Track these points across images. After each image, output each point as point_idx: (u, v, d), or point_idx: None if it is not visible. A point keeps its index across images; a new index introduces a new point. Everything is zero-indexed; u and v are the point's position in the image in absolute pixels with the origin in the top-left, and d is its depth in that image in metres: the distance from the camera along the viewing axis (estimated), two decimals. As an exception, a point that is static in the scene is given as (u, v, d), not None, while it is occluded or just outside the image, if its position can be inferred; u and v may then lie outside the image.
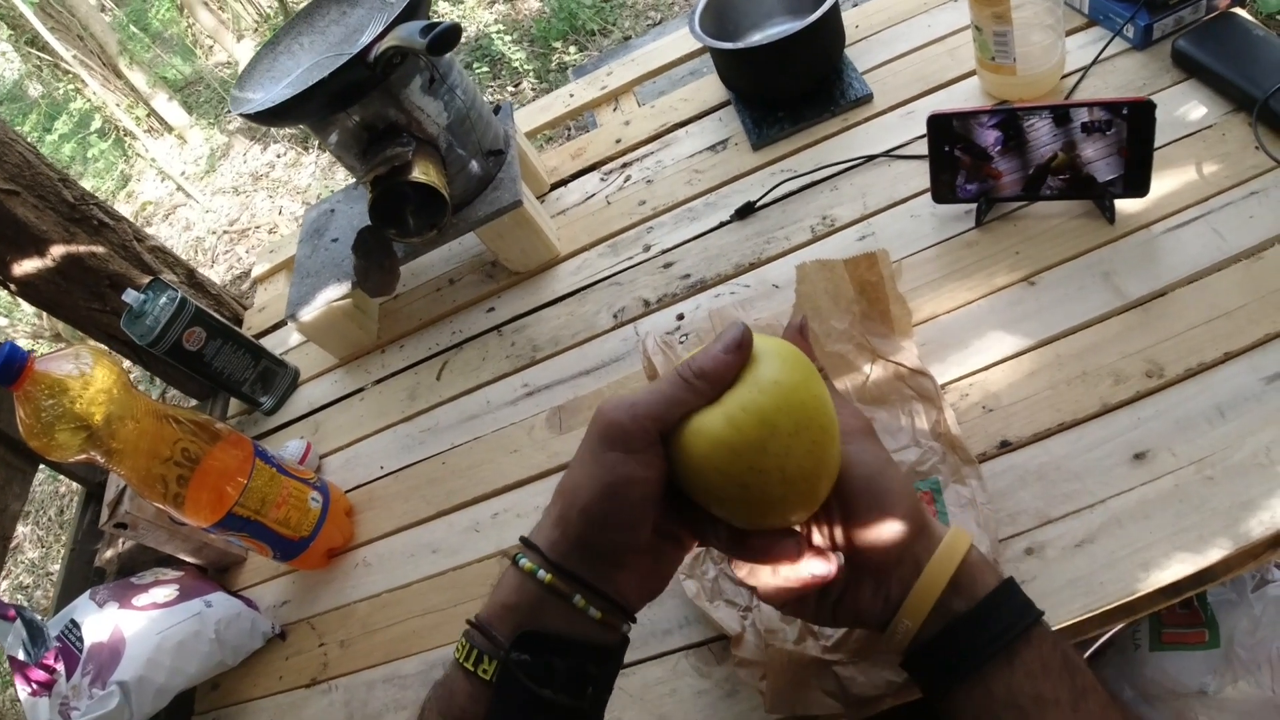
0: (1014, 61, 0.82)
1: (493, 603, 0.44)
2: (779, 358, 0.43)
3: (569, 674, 0.42)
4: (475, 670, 0.42)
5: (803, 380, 0.42)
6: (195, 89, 4.15)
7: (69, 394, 0.69)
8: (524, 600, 0.43)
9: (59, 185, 1.09)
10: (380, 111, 0.84)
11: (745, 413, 0.41)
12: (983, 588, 0.43)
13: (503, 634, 0.42)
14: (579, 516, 0.42)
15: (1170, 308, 0.68)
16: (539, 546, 0.43)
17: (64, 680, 0.75)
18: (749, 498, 0.42)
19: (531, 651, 0.42)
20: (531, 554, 0.43)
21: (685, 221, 0.95)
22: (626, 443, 0.42)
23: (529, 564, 0.43)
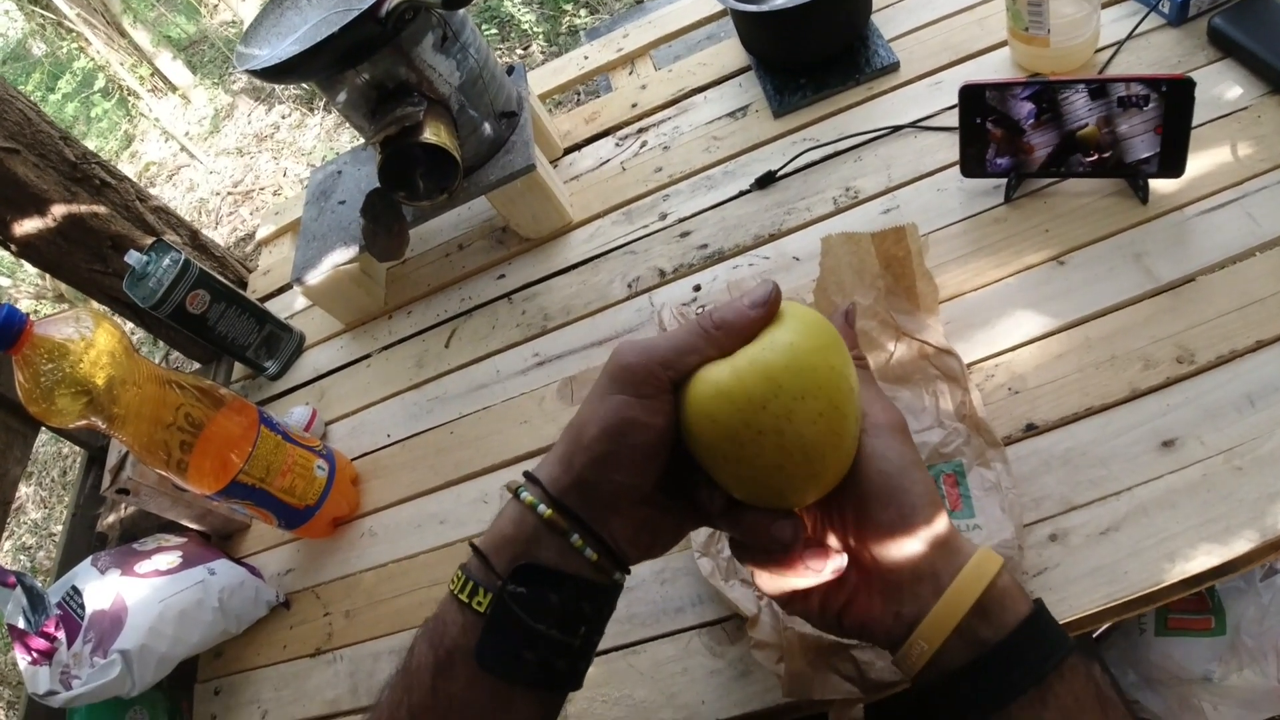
0: (1048, 33, 0.79)
1: (491, 533, 0.43)
2: (802, 322, 0.41)
3: (563, 609, 0.41)
4: (470, 602, 0.41)
5: (820, 347, 0.40)
6: (199, 48, 4.09)
7: (69, 358, 0.67)
8: (522, 533, 0.42)
9: (60, 144, 1.06)
10: (390, 70, 0.81)
11: (751, 365, 0.39)
12: (1013, 615, 0.40)
13: (499, 565, 0.41)
14: (582, 454, 0.41)
15: (1202, 292, 0.66)
16: (541, 481, 0.42)
17: (65, 648, 0.74)
18: (743, 457, 0.40)
19: (527, 584, 0.41)
20: (533, 488, 0.42)
21: (703, 190, 0.93)
22: (636, 385, 0.41)
23: (529, 497, 0.42)
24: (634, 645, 0.67)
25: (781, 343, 0.40)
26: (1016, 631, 0.39)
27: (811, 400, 0.39)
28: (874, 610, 0.43)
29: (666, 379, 0.41)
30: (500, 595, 0.40)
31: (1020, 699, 0.38)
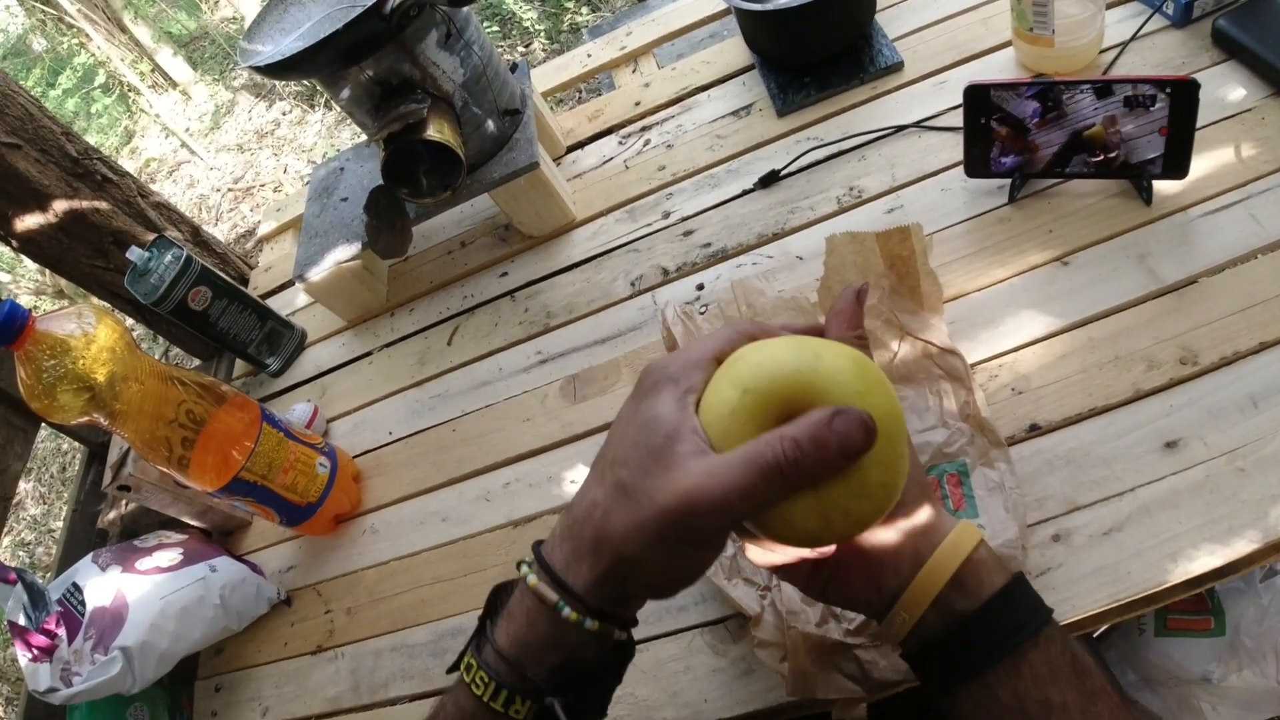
0: (1052, 33, 0.79)
1: (520, 637, 0.41)
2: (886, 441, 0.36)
3: (599, 699, 0.43)
4: (506, 711, 0.41)
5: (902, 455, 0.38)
6: (200, 44, 4.09)
7: (71, 354, 0.67)
8: (565, 643, 0.41)
9: (62, 139, 1.06)
10: (394, 66, 0.81)
11: (845, 518, 0.37)
12: (989, 587, 0.40)
13: (537, 673, 0.41)
14: (634, 583, 0.40)
15: (1206, 294, 0.66)
16: (578, 592, 0.40)
17: (65, 645, 0.74)
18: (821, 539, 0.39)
19: (568, 689, 0.41)
20: (574, 602, 0.40)
21: (706, 188, 0.93)
22: (697, 534, 0.37)
23: (574, 615, 0.40)
24: (637, 644, 0.67)
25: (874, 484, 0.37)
26: (990, 602, 0.40)
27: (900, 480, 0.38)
28: (856, 583, 0.43)
29: (729, 528, 0.38)
30: (545, 705, 0.41)
31: (995, 667, 0.39)
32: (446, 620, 0.76)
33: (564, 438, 0.82)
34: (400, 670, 0.75)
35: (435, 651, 0.75)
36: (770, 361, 0.38)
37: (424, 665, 0.74)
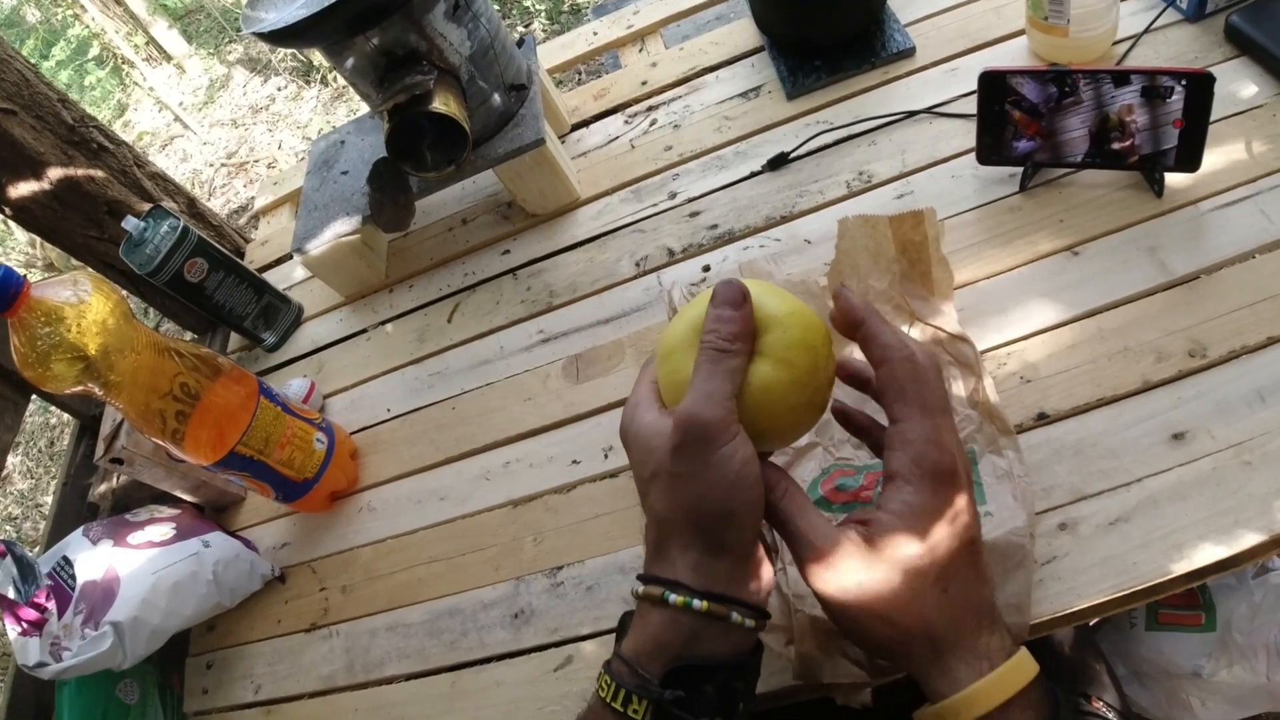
0: (1067, 23, 0.79)
1: (638, 640, 0.43)
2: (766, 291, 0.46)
3: (720, 697, 0.43)
4: (625, 710, 0.42)
5: (794, 300, 0.46)
6: (195, 17, 4.03)
7: (66, 322, 0.66)
8: (677, 635, 0.42)
9: (58, 106, 1.04)
10: (400, 36, 0.80)
11: (790, 350, 0.44)
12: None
13: (651, 671, 0.42)
14: (709, 530, 0.42)
15: (1215, 287, 0.66)
16: (678, 580, 0.43)
17: (55, 619, 0.73)
18: (808, 419, 0.46)
19: (683, 685, 0.42)
20: (679, 589, 0.42)
21: (714, 170, 0.92)
22: (720, 435, 0.41)
23: (680, 599, 0.42)
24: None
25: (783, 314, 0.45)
26: None
27: (828, 342, 0.46)
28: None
29: (733, 412, 0.42)
30: (659, 702, 0.41)
31: None
32: (444, 599, 0.75)
33: (566, 417, 0.81)
34: (396, 649, 0.75)
35: (431, 631, 0.74)
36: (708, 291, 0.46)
37: (420, 644, 0.74)
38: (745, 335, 0.43)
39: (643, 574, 0.45)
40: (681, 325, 0.46)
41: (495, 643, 0.71)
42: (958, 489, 0.43)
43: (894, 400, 0.45)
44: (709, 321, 0.43)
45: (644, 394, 0.47)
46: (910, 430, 0.44)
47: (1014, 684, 0.42)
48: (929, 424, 0.44)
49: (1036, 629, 0.56)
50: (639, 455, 0.45)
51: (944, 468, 0.43)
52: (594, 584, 0.70)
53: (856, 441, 0.64)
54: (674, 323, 0.47)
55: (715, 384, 0.42)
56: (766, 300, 0.45)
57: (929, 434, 0.43)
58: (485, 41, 0.85)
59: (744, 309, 0.43)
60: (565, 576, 0.72)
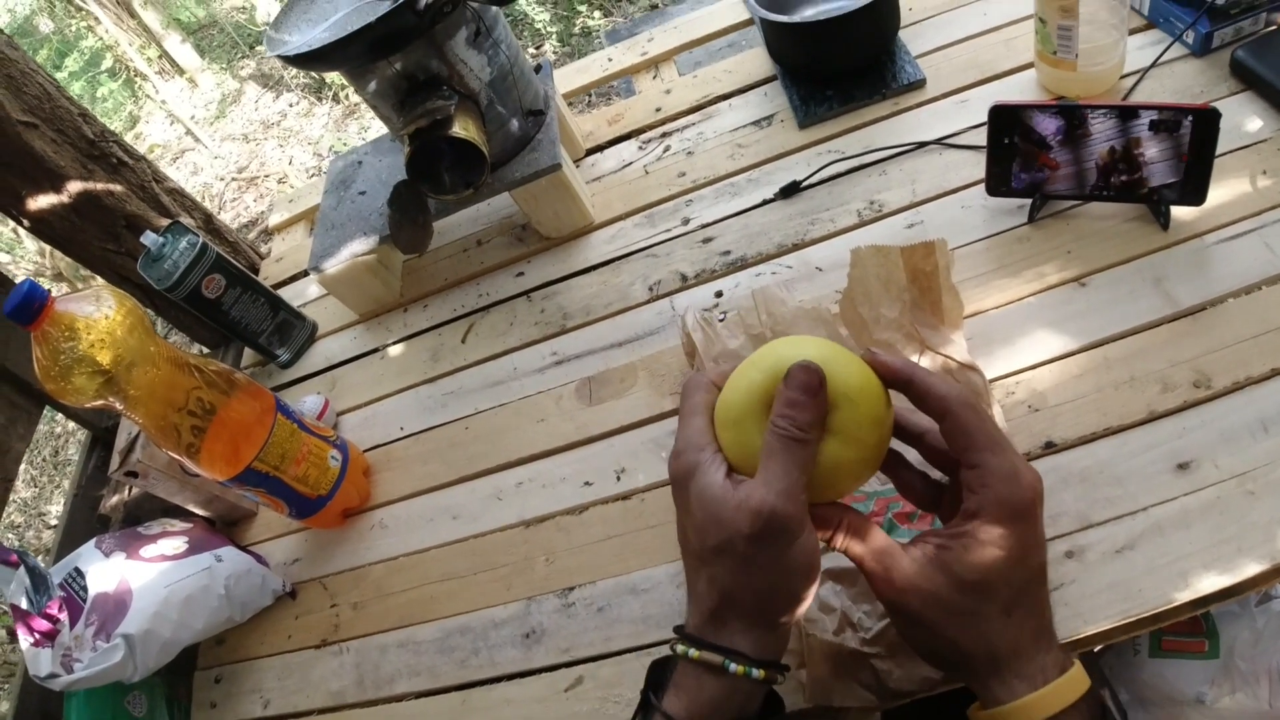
0: (1075, 57, 0.80)
1: (691, 702, 0.45)
2: (833, 359, 0.46)
3: None
4: None
5: (861, 369, 0.46)
6: (209, 32, 4.08)
7: (89, 337, 0.66)
8: (734, 701, 0.45)
9: (79, 120, 1.05)
10: (422, 61, 0.81)
11: (861, 429, 0.45)
12: None
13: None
14: (772, 610, 0.45)
15: (1220, 319, 0.67)
16: (738, 649, 0.45)
17: (67, 630, 0.73)
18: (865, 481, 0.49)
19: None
20: (739, 659, 0.45)
21: (726, 196, 0.93)
22: (798, 531, 0.44)
23: (740, 668, 0.45)
24: (649, 647, 0.67)
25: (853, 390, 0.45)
26: None
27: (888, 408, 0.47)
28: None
29: (806, 504, 0.44)
30: None
31: None
32: (455, 618, 0.76)
33: (579, 439, 0.82)
34: (406, 666, 0.75)
35: (443, 649, 0.75)
36: (776, 350, 0.47)
37: (431, 662, 0.74)
38: (820, 422, 0.44)
39: (692, 635, 0.46)
40: (748, 393, 0.46)
41: (506, 662, 0.71)
42: (1034, 522, 0.46)
43: (966, 447, 0.46)
44: (783, 404, 0.44)
45: (707, 441, 0.47)
46: (989, 474, 0.45)
47: (1067, 697, 0.43)
48: (1005, 462, 0.45)
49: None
50: (705, 522, 0.45)
51: (1025, 503, 0.45)
52: (605, 605, 0.71)
53: None
54: (739, 383, 0.47)
55: (793, 477, 0.43)
56: (837, 372, 0.45)
57: (1008, 472, 0.45)
58: (505, 68, 0.87)
59: (820, 396, 0.44)
60: (576, 597, 0.72)
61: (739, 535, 0.43)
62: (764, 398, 0.45)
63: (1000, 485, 0.44)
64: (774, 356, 0.46)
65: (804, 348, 0.46)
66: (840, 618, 0.57)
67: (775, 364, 0.45)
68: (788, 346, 0.47)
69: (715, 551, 0.45)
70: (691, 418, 0.48)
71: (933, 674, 0.55)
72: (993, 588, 0.44)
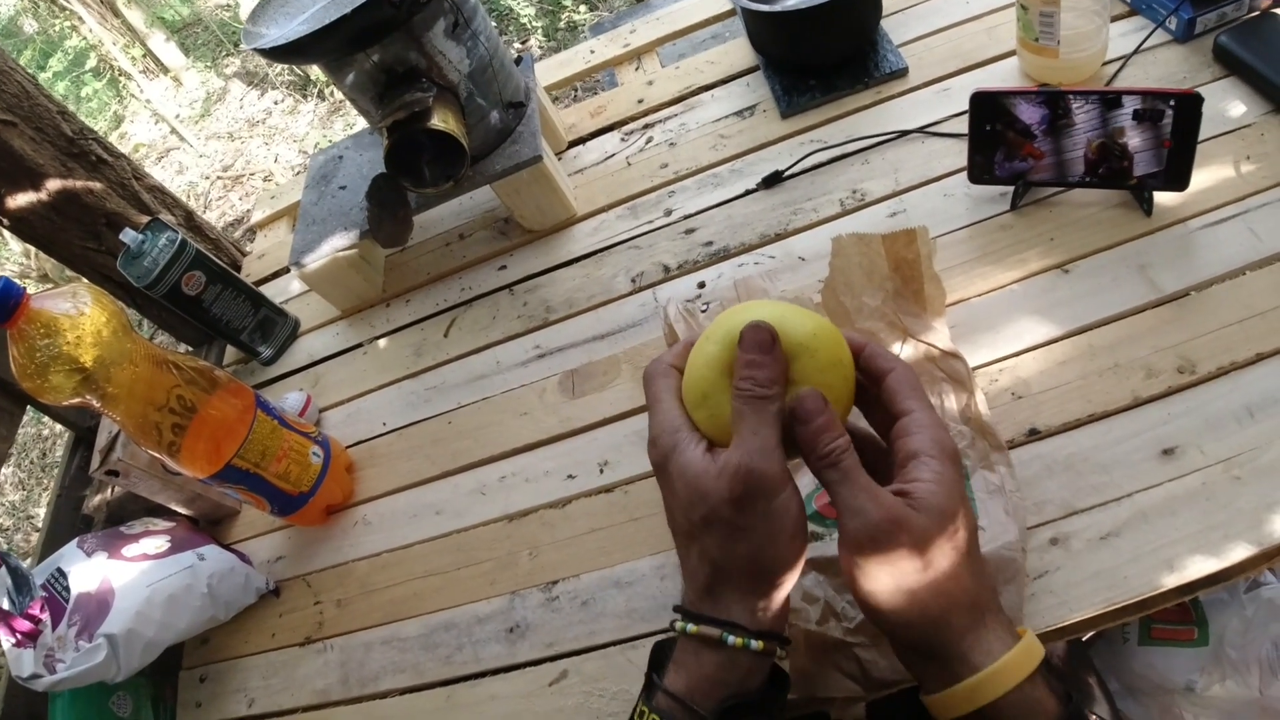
0: (1057, 44, 0.80)
1: (691, 678, 0.45)
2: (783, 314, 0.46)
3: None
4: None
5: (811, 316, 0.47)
6: (193, 30, 4.05)
7: (65, 334, 0.66)
8: (733, 674, 0.45)
9: (57, 118, 1.04)
10: (400, 54, 0.81)
11: (824, 372, 0.46)
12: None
13: (706, 708, 0.44)
14: (763, 576, 0.45)
15: (1204, 305, 0.67)
16: (735, 621, 0.45)
17: (49, 631, 0.72)
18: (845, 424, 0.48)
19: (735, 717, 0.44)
20: (737, 630, 0.45)
21: (709, 187, 0.93)
22: (777, 488, 0.44)
23: (739, 640, 0.44)
24: (633, 640, 0.67)
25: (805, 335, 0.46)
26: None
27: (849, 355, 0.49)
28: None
29: (784, 459, 0.44)
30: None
31: None
32: (439, 613, 0.75)
33: (562, 432, 0.81)
34: (391, 663, 0.75)
35: (427, 645, 0.74)
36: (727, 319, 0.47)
37: (415, 659, 0.74)
38: (780, 377, 0.45)
39: (689, 610, 0.46)
40: (707, 367, 0.46)
41: (490, 657, 0.71)
42: (959, 466, 0.46)
43: (906, 396, 0.47)
44: (742, 367, 0.45)
45: (680, 422, 0.47)
46: (924, 417, 0.47)
47: (1038, 653, 0.44)
48: (934, 414, 0.47)
49: (1029, 643, 0.56)
50: (688, 495, 0.45)
51: (952, 447, 0.46)
52: (589, 598, 0.70)
53: None
54: (697, 359, 0.47)
55: (765, 433, 0.44)
56: (788, 325, 0.45)
57: (936, 420, 0.47)
58: (484, 59, 0.86)
59: (775, 351, 0.45)
60: (561, 591, 0.72)
61: (722, 502, 0.43)
62: (725, 368, 0.46)
63: (934, 429, 0.46)
64: (726, 326, 0.46)
65: (753, 310, 0.47)
66: (824, 607, 0.57)
67: (728, 333, 0.46)
68: (738, 313, 0.47)
69: (703, 524, 0.45)
70: (660, 403, 0.48)
71: (916, 663, 0.55)
72: (961, 527, 0.44)
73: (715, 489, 0.44)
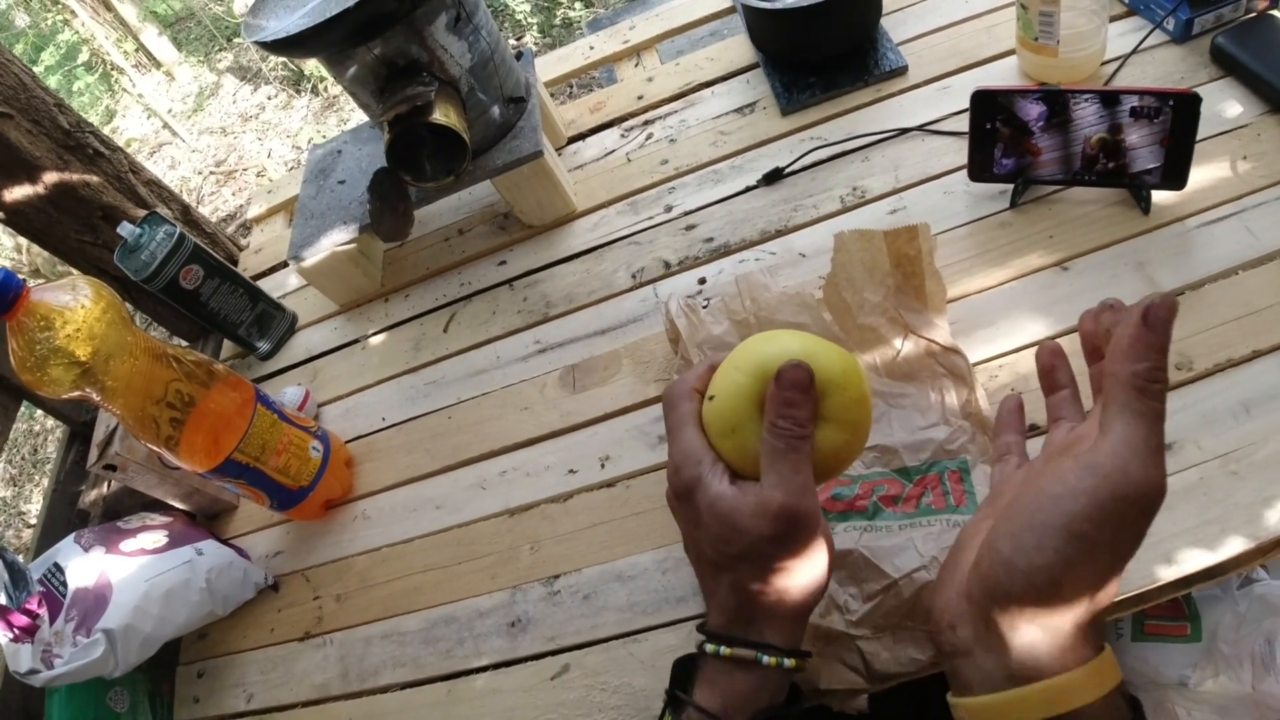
0: (1056, 43, 0.80)
1: (725, 695, 0.46)
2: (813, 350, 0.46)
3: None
4: None
5: (837, 352, 0.47)
6: (186, 25, 4.03)
7: (64, 326, 0.65)
8: (766, 691, 0.46)
9: (54, 111, 1.04)
10: (402, 47, 0.80)
11: (850, 410, 0.46)
12: None
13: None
14: (799, 604, 0.46)
15: (1201, 302, 0.67)
16: (769, 642, 0.46)
17: (47, 626, 0.72)
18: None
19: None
20: (771, 651, 0.46)
21: (709, 184, 0.93)
22: (816, 526, 0.45)
23: (773, 660, 0.45)
24: (635, 634, 0.67)
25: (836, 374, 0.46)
26: None
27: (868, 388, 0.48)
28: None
29: (818, 500, 0.45)
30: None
31: None
32: (439, 608, 0.75)
33: (563, 427, 0.81)
34: (391, 658, 0.75)
35: (427, 639, 0.74)
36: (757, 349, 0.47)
37: (415, 653, 0.74)
38: (815, 415, 0.45)
39: (719, 633, 0.47)
40: (737, 398, 0.46)
41: (491, 651, 0.71)
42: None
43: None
44: (780, 405, 0.44)
45: (705, 451, 0.47)
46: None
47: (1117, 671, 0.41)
48: None
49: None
50: (721, 530, 0.45)
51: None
52: (591, 593, 0.70)
53: None
54: (727, 388, 0.47)
55: (804, 474, 0.44)
56: (821, 362, 0.45)
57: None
58: (485, 54, 0.86)
59: (812, 391, 0.45)
60: (562, 585, 0.72)
61: (762, 539, 0.44)
62: (756, 400, 0.46)
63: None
64: (758, 357, 0.46)
65: (784, 342, 0.47)
66: (827, 600, 0.57)
67: (761, 366, 0.46)
68: (767, 344, 0.47)
69: (738, 558, 0.45)
70: (682, 429, 0.48)
71: (920, 655, 0.55)
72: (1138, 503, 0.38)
73: (754, 527, 0.44)
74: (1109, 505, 0.37)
